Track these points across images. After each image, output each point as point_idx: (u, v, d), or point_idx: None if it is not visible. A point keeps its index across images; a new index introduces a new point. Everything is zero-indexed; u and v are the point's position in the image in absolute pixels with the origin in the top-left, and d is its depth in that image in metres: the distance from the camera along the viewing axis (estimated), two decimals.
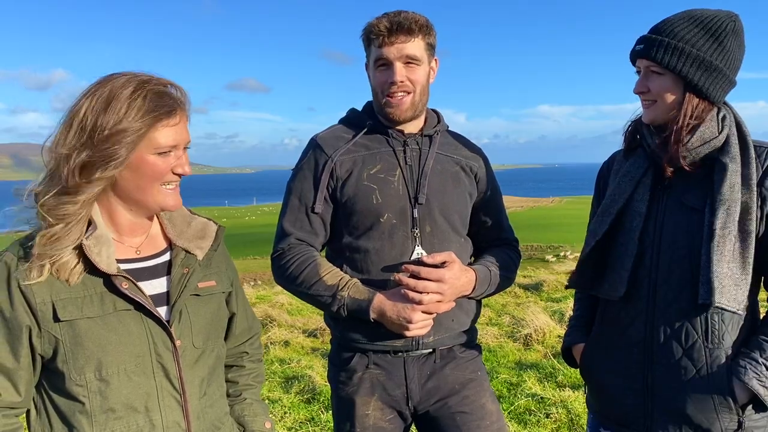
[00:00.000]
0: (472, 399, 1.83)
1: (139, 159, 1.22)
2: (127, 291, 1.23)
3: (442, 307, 1.71)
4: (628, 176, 1.63)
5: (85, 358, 1.21)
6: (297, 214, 1.83)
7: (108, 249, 1.23)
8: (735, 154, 1.48)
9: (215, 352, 1.41)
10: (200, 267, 1.39)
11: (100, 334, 1.22)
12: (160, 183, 1.27)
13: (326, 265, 1.79)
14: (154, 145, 1.22)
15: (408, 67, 1.75)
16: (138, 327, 1.26)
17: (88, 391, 1.22)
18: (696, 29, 1.47)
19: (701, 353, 1.51)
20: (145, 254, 1.35)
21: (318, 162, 1.82)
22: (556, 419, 3.86)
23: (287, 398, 4.50)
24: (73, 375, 1.21)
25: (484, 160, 1.96)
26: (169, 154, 1.26)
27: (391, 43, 1.73)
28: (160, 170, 1.25)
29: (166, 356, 1.28)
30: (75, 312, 1.20)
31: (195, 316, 1.35)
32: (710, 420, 1.50)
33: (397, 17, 1.73)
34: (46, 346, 1.22)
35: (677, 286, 1.53)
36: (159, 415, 1.28)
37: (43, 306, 1.19)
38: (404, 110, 1.78)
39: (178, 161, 1.28)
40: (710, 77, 1.47)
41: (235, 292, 1.54)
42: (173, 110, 1.23)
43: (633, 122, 1.67)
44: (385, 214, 1.76)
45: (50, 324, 1.20)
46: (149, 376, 1.26)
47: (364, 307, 1.70)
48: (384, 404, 1.81)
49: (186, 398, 1.31)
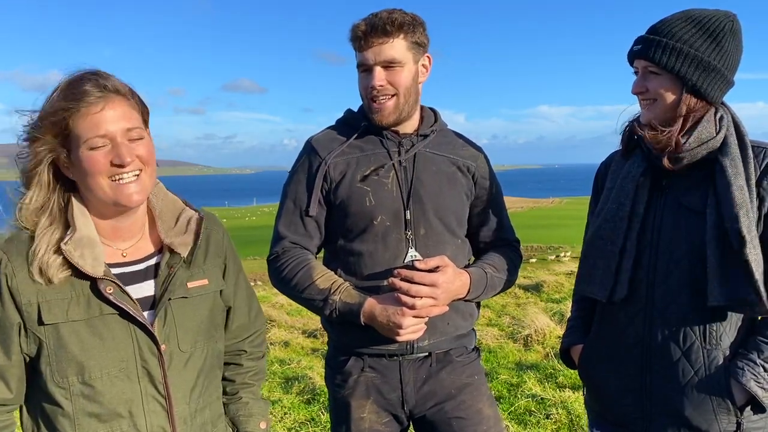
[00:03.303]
0: (468, 404, 1.81)
1: (77, 156, 1.20)
2: (111, 296, 1.21)
3: (434, 311, 1.68)
4: (629, 177, 1.62)
5: (68, 361, 1.20)
6: (292, 218, 1.82)
7: (93, 251, 1.21)
8: (735, 155, 1.48)
9: (206, 354, 1.38)
10: (186, 265, 1.34)
11: (84, 337, 1.21)
12: (105, 177, 1.21)
13: (319, 268, 1.78)
14: (82, 138, 1.18)
15: (388, 70, 1.71)
16: (123, 332, 1.24)
17: (71, 394, 1.21)
18: (694, 29, 1.46)
19: (699, 354, 1.50)
20: (132, 258, 1.32)
21: (312, 164, 1.81)
22: (556, 420, 3.85)
23: (287, 399, 4.50)
24: (55, 377, 1.21)
25: (484, 159, 1.92)
26: (103, 147, 1.19)
27: (369, 46, 1.69)
28: (96, 163, 1.19)
29: (152, 361, 1.27)
30: (60, 315, 1.19)
31: (182, 319, 1.32)
32: (708, 421, 1.50)
33: (373, 19, 1.68)
34: (31, 345, 1.21)
35: (675, 287, 1.52)
36: (143, 420, 1.26)
37: (29, 307, 1.19)
38: (387, 114, 1.75)
39: (116, 151, 1.19)
40: (708, 77, 1.47)
41: (235, 285, 1.49)
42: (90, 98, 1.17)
43: (631, 122, 1.67)
44: (379, 217, 1.75)
45: (35, 325, 1.19)
46: (133, 380, 1.25)
47: (355, 312, 1.68)
48: (379, 407, 1.80)
49: (171, 403, 1.29)
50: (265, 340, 1.68)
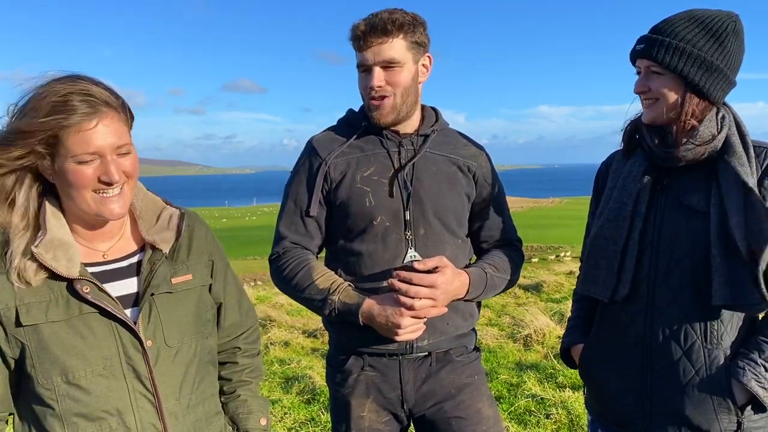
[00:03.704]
0: (468, 404, 1.81)
1: (62, 168, 1.19)
2: (88, 295, 1.21)
3: (433, 312, 1.68)
4: (631, 177, 1.62)
5: (50, 362, 1.20)
6: (292, 218, 1.83)
7: (66, 252, 1.21)
8: (741, 154, 1.47)
9: (196, 349, 1.37)
10: (168, 261, 1.35)
11: (65, 338, 1.20)
12: (90, 191, 1.21)
13: (320, 268, 1.78)
14: (71, 153, 1.17)
15: (387, 70, 1.71)
16: (105, 329, 1.24)
17: (57, 395, 1.21)
18: (697, 29, 1.46)
19: (700, 354, 1.50)
20: (113, 257, 1.32)
21: (313, 165, 1.81)
22: (556, 420, 3.85)
23: (287, 398, 4.50)
24: (40, 379, 1.21)
25: (486, 158, 1.92)
26: (92, 162, 1.19)
27: (368, 46, 1.69)
28: (83, 178, 1.19)
29: (136, 358, 1.26)
30: (39, 316, 1.19)
31: (167, 314, 1.32)
32: (709, 421, 1.50)
33: (373, 19, 1.68)
34: (14, 349, 1.21)
35: (677, 286, 1.52)
36: (132, 416, 1.26)
37: (6, 311, 1.18)
38: (385, 114, 1.75)
39: (104, 169, 1.19)
40: (711, 77, 1.47)
41: (224, 281, 1.49)
42: (82, 114, 1.15)
43: (632, 122, 1.67)
44: (378, 217, 1.75)
45: (13, 328, 1.19)
46: (119, 378, 1.25)
47: (354, 312, 1.68)
48: (379, 406, 1.80)
49: (159, 399, 1.29)
50: (260, 338, 1.68)
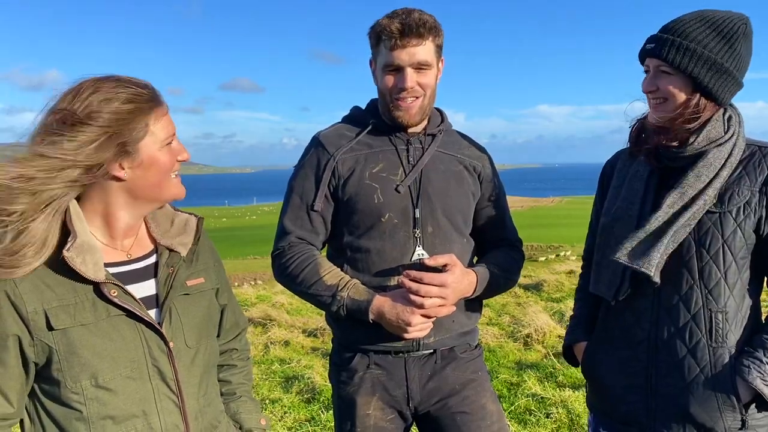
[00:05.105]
0: (472, 399, 1.82)
1: (149, 156, 1.23)
2: (115, 299, 1.21)
3: (442, 311, 1.69)
4: (637, 176, 1.62)
5: (80, 366, 1.19)
6: (298, 212, 1.82)
7: (93, 256, 1.20)
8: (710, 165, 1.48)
9: (209, 350, 1.40)
10: (186, 264, 1.38)
11: (94, 341, 1.20)
12: (171, 174, 1.29)
13: (326, 264, 1.78)
14: (160, 138, 1.24)
15: (419, 71, 1.72)
16: (131, 332, 1.24)
17: (85, 399, 1.20)
18: (708, 30, 1.46)
19: (705, 352, 1.50)
20: (135, 256, 1.33)
21: (320, 160, 1.81)
22: (556, 419, 3.85)
23: (287, 398, 4.50)
24: (68, 383, 1.19)
25: (489, 159, 1.94)
26: (171, 145, 1.28)
27: (403, 46, 1.68)
28: (170, 162, 1.28)
29: (162, 359, 1.27)
30: (68, 320, 1.18)
31: (186, 316, 1.34)
32: (713, 419, 1.50)
33: (408, 19, 1.66)
34: (39, 354, 1.19)
35: (682, 285, 1.52)
36: (157, 418, 1.27)
37: (34, 315, 1.16)
38: (413, 114, 1.76)
39: (179, 148, 1.31)
40: (720, 79, 1.47)
41: (225, 284, 1.53)
42: (161, 100, 1.25)
43: (638, 121, 1.66)
44: (387, 214, 1.75)
45: (43, 333, 1.17)
46: (145, 380, 1.25)
47: (363, 309, 1.69)
48: (385, 404, 1.80)
49: (183, 399, 1.30)
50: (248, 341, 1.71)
